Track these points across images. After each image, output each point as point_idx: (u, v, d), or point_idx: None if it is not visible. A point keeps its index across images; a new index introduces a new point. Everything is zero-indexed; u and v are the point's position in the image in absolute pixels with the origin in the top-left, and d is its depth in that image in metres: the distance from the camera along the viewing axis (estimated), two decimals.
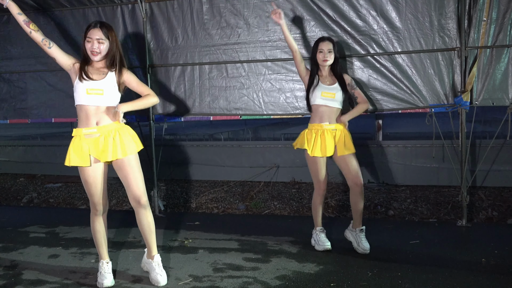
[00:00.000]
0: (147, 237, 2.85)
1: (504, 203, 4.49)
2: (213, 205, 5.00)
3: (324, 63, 3.31)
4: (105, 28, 2.71)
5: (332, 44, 3.33)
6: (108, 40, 2.71)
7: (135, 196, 2.74)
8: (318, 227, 3.46)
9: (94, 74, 2.74)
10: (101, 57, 2.72)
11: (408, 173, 5.45)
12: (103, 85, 2.71)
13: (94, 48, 2.68)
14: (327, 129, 3.30)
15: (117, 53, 2.76)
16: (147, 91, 2.85)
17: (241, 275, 2.98)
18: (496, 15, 3.79)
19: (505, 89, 3.85)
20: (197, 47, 4.54)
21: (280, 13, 3.27)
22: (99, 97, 2.70)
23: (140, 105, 2.81)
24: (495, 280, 2.78)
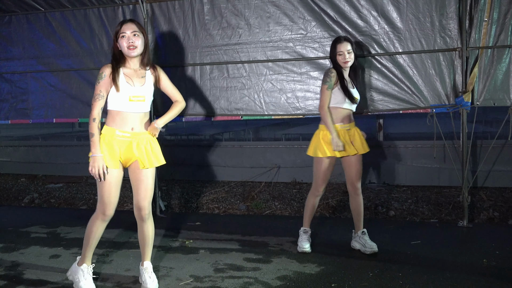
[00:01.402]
0: (141, 247, 2.80)
1: (506, 203, 4.49)
2: (214, 205, 5.01)
3: (346, 65, 3.27)
4: (137, 23, 2.61)
5: (350, 43, 3.28)
6: (143, 35, 2.60)
7: (139, 207, 2.68)
8: (305, 227, 3.44)
9: (134, 77, 2.61)
10: (138, 52, 2.58)
11: (409, 173, 5.44)
12: (145, 91, 2.61)
13: (131, 42, 2.53)
14: (342, 130, 3.27)
15: (149, 50, 2.68)
16: (179, 97, 2.78)
17: (242, 275, 2.98)
18: (497, 15, 3.79)
19: (507, 89, 3.85)
20: (198, 48, 4.54)
21: None
22: (141, 103, 2.60)
23: (174, 116, 2.79)
24: (496, 281, 2.78)
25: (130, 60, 2.62)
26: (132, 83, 2.59)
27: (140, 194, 2.67)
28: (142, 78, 2.63)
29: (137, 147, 2.62)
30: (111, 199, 2.61)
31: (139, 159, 2.62)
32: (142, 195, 2.67)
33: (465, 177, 3.98)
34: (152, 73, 2.69)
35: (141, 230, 2.74)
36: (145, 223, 2.72)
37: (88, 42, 4.84)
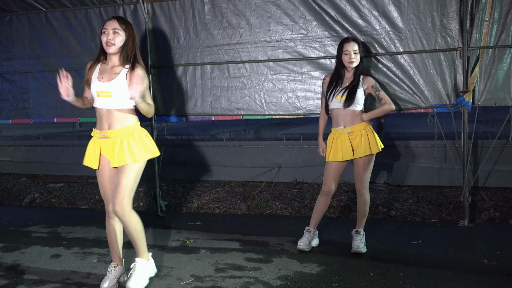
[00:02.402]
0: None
1: (506, 203, 4.48)
2: (214, 205, 5.01)
3: (351, 65, 3.26)
4: (121, 20, 2.64)
5: (358, 44, 3.28)
6: (125, 33, 2.63)
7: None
8: (308, 227, 3.45)
9: (105, 74, 2.65)
10: (116, 49, 2.61)
11: (410, 173, 5.44)
12: (112, 86, 2.62)
13: (109, 38, 2.59)
14: (343, 134, 3.27)
15: (133, 49, 2.66)
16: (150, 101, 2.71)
17: (242, 275, 2.98)
18: (498, 15, 3.78)
19: (507, 89, 3.84)
20: (199, 47, 4.54)
21: None
22: (108, 99, 2.62)
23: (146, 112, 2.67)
24: (497, 281, 2.78)
25: (109, 56, 2.68)
26: (102, 79, 2.65)
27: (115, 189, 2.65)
28: (115, 74, 2.64)
29: (113, 145, 2.63)
30: (106, 197, 2.75)
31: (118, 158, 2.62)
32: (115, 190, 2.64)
33: (466, 177, 3.98)
34: (129, 72, 2.63)
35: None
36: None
37: (89, 42, 4.84)
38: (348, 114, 3.27)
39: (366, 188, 3.32)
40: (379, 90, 3.36)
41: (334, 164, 3.32)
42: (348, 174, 5.05)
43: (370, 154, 3.27)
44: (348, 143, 3.25)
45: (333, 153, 3.30)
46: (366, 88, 3.34)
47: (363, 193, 3.32)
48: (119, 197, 2.61)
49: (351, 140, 3.26)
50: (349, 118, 3.27)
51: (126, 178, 2.62)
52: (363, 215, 3.37)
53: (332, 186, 3.35)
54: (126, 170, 2.63)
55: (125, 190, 2.62)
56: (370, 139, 3.26)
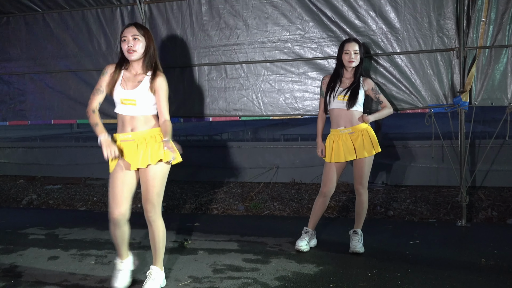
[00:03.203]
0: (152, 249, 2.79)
1: (504, 203, 4.49)
2: (212, 206, 5.01)
3: (350, 64, 3.28)
4: (139, 26, 2.62)
5: (358, 45, 3.30)
6: (145, 38, 2.60)
7: (144, 207, 2.68)
8: (307, 227, 3.46)
9: (129, 82, 2.64)
10: (138, 55, 2.59)
11: (408, 173, 5.45)
12: (136, 94, 2.60)
13: (130, 45, 2.56)
14: (344, 134, 3.27)
15: (154, 54, 2.64)
16: (166, 115, 2.61)
17: (240, 276, 2.98)
18: (494, 16, 3.80)
19: (504, 89, 3.85)
20: (196, 48, 4.54)
21: None
22: (132, 107, 2.61)
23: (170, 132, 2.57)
24: (495, 280, 2.78)
25: (131, 63, 2.66)
26: (126, 86, 2.63)
27: (142, 196, 2.67)
28: (139, 82, 2.63)
29: (138, 147, 2.60)
30: (114, 200, 2.63)
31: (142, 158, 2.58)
32: (143, 197, 2.66)
33: (463, 176, 3.99)
34: (151, 79, 2.62)
35: (149, 231, 2.73)
36: (150, 226, 2.70)
37: (86, 43, 4.83)
38: (349, 114, 3.28)
39: (365, 188, 3.34)
40: (379, 93, 3.40)
41: (334, 165, 3.32)
42: (347, 175, 5.05)
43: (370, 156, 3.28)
44: (350, 144, 3.26)
45: (334, 154, 3.31)
46: (367, 90, 3.36)
47: (362, 193, 3.33)
48: (151, 201, 2.62)
49: (353, 141, 3.27)
50: (350, 119, 3.29)
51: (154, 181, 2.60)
52: (361, 215, 3.38)
53: (331, 187, 3.35)
54: (151, 172, 2.60)
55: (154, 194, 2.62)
56: (372, 139, 3.28)
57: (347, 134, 3.26)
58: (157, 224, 2.69)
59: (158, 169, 2.61)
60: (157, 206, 2.67)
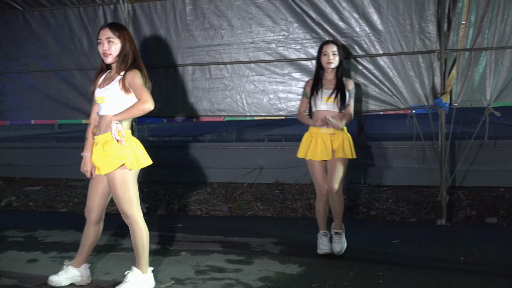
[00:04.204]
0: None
1: (482, 202, 4.59)
2: (196, 207, 4.98)
3: (329, 66, 3.28)
4: (115, 27, 2.59)
5: (337, 46, 3.30)
6: (120, 40, 2.58)
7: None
8: (321, 231, 3.39)
9: (106, 81, 2.64)
10: (113, 58, 2.58)
11: (390, 173, 5.51)
12: (106, 92, 2.59)
13: (105, 49, 2.56)
14: (324, 134, 3.27)
15: (131, 54, 2.59)
16: (141, 96, 2.50)
17: (223, 277, 2.97)
18: (474, 19, 3.88)
19: (483, 91, 3.93)
20: (180, 48, 4.52)
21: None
22: (102, 105, 2.61)
23: (132, 113, 2.51)
24: (474, 278, 2.84)
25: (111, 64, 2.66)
26: (102, 86, 2.65)
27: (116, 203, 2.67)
28: (112, 80, 2.62)
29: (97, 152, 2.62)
30: (88, 202, 2.74)
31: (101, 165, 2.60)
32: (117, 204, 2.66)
33: (443, 176, 4.06)
34: (123, 78, 2.57)
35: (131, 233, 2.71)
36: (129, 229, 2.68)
37: (68, 42, 4.76)
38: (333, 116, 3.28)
39: (341, 189, 3.27)
40: (352, 97, 3.38)
41: (317, 163, 3.31)
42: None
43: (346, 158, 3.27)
44: (329, 144, 3.24)
45: (310, 151, 3.28)
46: (350, 90, 3.36)
47: (339, 193, 3.25)
48: (122, 207, 2.62)
49: (332, 141, 3.26)
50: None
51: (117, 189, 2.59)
52: (339, 214, 3.32)
53: (325, 186, 3.30)
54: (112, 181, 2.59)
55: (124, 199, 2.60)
56: (351, 144, 3.31)
57: (328, 134, 3.26)
58: (134, 228, 2.66)
59: (115, 175, 2.58)
60: (128, 211, 2.62)
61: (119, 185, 2.59)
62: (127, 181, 2.60)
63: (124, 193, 2.60)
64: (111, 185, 2.62)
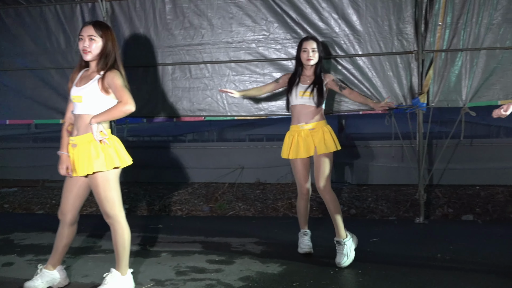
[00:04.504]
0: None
1: (459, 200, 4.69)
2: (177, 207, 4.95)
3: (308, 63, 3.28)
4: (98, 26, 2.56)
5: (316, 43, 3.30)
6: (102, 39, 2.55)
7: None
8: (302, 230, 3.40)
9: (83, 79, 2.59)
10: (93, 56, 2.55)
11: (370, 172, 5.59)
12: (83, 91, 2.54)
13: (85, 45, 2.52)
14: (304, 130, 3.27)
15: (112, 54, 2.57)
16: (122, 98, 2.48)
17: (204, 277, 2.95)
18: (450, 20, 3.95)
19: (459, 91, 4.01)
20: (160, 48, 4.48)
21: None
22: (78, 104, 2.56)
23: (113, 115, 2.49)
24: (450, 274, 2.90)
25: (89, 62, 2.61)
26: (79, 84, 2.60)
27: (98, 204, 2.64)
28: (90, 79, 2.58)
29: (77, 153, 2.57)
30: (62, 204, 2.69)
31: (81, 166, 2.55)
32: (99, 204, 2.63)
33: (421, 175, 4.13)
34: (102, 78, 2.54)
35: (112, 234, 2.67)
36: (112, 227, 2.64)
37: (44, 41, 4.67)
38: (311, 111, 3.26)
39: (330, 185, 3.23)
40: (340, 81, 3.41)
41: (299, 161, 3.30)
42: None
43: (330, 152, 3.25)
44: (310, 140, 3.23)
45: (293, 150, 3.26)
46: (327, 83, 3.34)
47: (329, 190, 3.21)
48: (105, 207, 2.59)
49: (313, 137, 3.24)
50: (312, 115, 3.26)
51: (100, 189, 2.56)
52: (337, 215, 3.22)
53: (307, 185, 3.30)
54: (95, 181, 2.56)
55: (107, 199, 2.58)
56: (332, 136, 3.29)
57: (307, 130, 3.25)
58: (116, 228, 2.64)
59: (97, 175, 2.55)
60: (110, 211, 2.60)
61: (102, 185, 2.57)
62: (110, 180, 2.58)
63: (106, 193, 2.58)
64: (93, 185, 2.59)
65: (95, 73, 2.59)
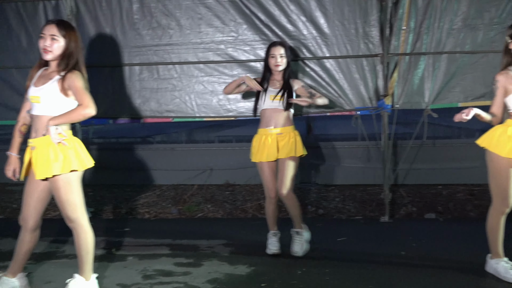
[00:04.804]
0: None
1: (422, 199, 4.83)
2: (144, 210, 4.87)
3: (276, 68, 3.29)
4: (62, 26, 2.47)
5: (284, 48, 3.32)
6: (65, 39, 2.47)
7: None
8: (271, 231, 3.41)
9: (41, 79, 2.50)
10: (54, 56, 2.46)
11: (337, 173, 5.67)
12: (42, 91, 2.45)
13: (46, 45, 2.43)
14: (271, 134, 3.28)
15: (74, 56, 2.48)
16: (82, 101, 2.40)
17: (171, 280, 2.92)
18: (414, 25, 4.07)
19: (422, 93, 4.14)
20: (127, 48, 4.40)
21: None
22: (37, 105, 2.46)
23: (71, 118, 2.42)
24: (413, 271, 2.99)
25: (49, 61, 2.53)
26: (37, 84, 2.52)
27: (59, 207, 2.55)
28: (49, 79, 2.50)
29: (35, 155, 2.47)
30: (23, 209, 2.58)
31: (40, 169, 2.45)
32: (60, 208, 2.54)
33: (386, 175, 4.24)
34: (62, 79, 2.45)
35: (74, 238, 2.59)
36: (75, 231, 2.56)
37: (4, 39, 4.51)
38: (280, 115, 3.29)
39: (292, 191, 3.27)
40: (309, 88, 3.43)
41: (266, 165, 3.31)
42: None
43: (295, 157, 3.29)
44: (274, 144, 3.26)
45: (261, 153, 3.28)
46: (297, 89, 3.37)
47: (291, 197, 3.26)
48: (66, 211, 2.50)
49: (278, 141, 3.28)
50: (281, 120, 3.29)
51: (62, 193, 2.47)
52: (296, 215, 3.34)
53: (275, 188, 3.30)
54: (55, 184, 2.47)
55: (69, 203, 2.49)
56: (297, 141, 3.33)
57: (275, 134, 3.27)
58: (78, 232, 2.55)
59: (58, 178, 2.47)
60: (72, 215, 2.52)
61: (63, 188, 2.48)
62: (71, 183, 2.50)
63: (68, 196, 2.49)
64: (54, 189, 2.50)
65: (55, 73, 2.51)
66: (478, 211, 4.38)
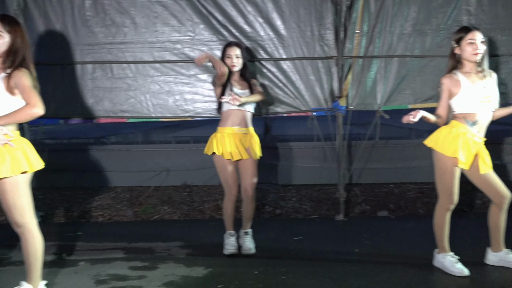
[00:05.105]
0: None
1: (375, 197, 5.00)
2: (98, 213, 4.72)
3: (232, 69, 3.30)
4: (7, 21, 2.35)
5: (240, 49, 3.33)
6: (10, 35, 2.35)
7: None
8: (228, 231, 3.41)
9: None
10: None
11: (294, 173, 5.75)
12: None
13: None
14: (238, 133, 3.29)
15: (21, 52, 2.37)
16: (29, 100, 2.31)
17: (126, 285, 2.85)
18: (367, 29, 4.21)
19: (374, 95, 4.28)
20: (79, 45, 4.24)
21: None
22: None
23: (18, 118, 2.32)
24: (366, 267, 3.08)
25: None
26: None
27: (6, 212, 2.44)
28: None
29: None
30: None
31: None
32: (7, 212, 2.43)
33: (341, 175, 4.35)
34: (8, 77, 2.35)
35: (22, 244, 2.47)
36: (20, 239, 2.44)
37: None
38: (246, 115, 3.33)
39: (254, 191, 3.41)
40: (257, 86, 3.46)
41: (227, 163, 3.30)
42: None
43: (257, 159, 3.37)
44: (240, 144, 3.29)
45: (220, 148, 3.26)
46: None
47: (253, 198, 3.42)
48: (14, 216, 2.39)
49: (245, 141, 3.32)
50: (246, 119, 3.34)
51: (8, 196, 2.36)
52: (251, 217, 3.44)
53: (237, 187, 3.34)
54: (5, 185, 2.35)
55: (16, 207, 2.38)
56: (256, 143, 3.38)
57: (242, 133, 3.31)
58: (26, 237, 2.44)
59: (4, 181, 2.36)
60: (20, 219, 2.41)
61: (10, 191, 2.37)
62: (18, 186, 2.38)
63: (15, 200, 2.38)
64: (0, 192, 2.38)
65: (0, 71, 2.39)
66: (427, 208, 4.58)
